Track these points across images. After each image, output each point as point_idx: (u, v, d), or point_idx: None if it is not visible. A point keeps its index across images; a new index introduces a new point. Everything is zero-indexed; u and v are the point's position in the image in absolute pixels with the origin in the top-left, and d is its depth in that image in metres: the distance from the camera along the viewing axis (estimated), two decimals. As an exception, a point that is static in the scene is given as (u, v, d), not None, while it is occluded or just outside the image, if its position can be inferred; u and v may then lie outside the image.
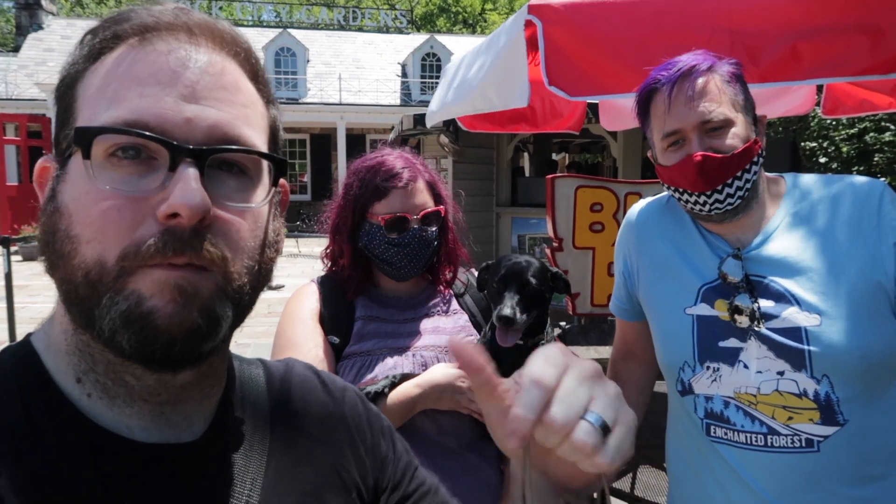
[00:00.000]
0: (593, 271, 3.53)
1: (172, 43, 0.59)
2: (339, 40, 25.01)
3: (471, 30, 37.19)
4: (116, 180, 0.55)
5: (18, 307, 6.72)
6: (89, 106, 0.58)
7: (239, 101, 0.61)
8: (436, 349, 1.50)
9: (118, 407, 0.60)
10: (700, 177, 1.25)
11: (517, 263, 1.50)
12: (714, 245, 1.35)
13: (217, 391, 0.68)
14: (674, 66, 1.27)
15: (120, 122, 0.55)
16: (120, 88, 0.57)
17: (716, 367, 1.30)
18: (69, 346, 0.61)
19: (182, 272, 0.55)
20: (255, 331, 6.69)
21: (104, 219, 0.55)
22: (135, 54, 0.58)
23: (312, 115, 20.68)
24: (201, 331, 0.56)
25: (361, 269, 1.54)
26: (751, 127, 1.28)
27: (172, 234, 0.54)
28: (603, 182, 3.58)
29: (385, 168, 1.49)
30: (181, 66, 0.58)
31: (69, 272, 0.56)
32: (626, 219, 1.56)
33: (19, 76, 19.72)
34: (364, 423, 0.81)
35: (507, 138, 6.16)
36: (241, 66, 0.63)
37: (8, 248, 6.60)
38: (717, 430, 1.31)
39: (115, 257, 0.54)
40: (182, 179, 0.55)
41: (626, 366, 1.66)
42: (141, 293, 0.54)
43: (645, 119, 1.35)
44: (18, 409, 0.58)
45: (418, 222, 1.48)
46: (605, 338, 4.00)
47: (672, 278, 1.39)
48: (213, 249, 0.56)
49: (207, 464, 0.63)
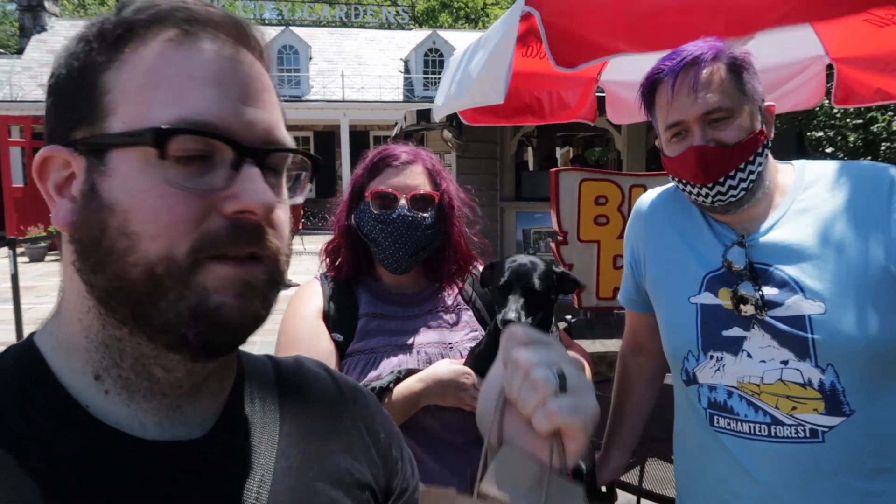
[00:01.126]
0: (598, 264, 3.52)
1: (216, 42, 0.60)
2: (341, 37, 24.99)
3: (473, 25, 37.10)
4: (180, 176, 0.56)
5: (25, 308, 6.75)
6: (136, 102, 0.57)
7: (275, 102, 0.65)
8: (440, 346, 1.49)
9: (136, 402, 0.60)
10: (700, 169, 1.24)
11: (522, 265, 1.46)
12: (720, 234, 1.34)
13: (229, 383, 0.69)
14: (678, 55, 1.26)
15: (186, 123, 0.56)
16: (175, 86, 0.57)
17: (719, 356, 1.29)
18: (90, 342, 0.60)
19: (245, 268, 0.58)
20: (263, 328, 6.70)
21: (172, 214, 0.55)
22: (184, 51, 0.58)
23: (315, 112, 20.68)
24: (261, 319, 0.61)
25: (356, 251, 1.54)
26: (756, 117, 1.26)
27: (241, 227, 0.58)
28: (607, 175, 3.57)
29: (386, 151, 1.52)
30: (232, 66, 0.60)
31: (122, 269, 0.56)
32: (635, 209, 1.55)
33: (23, 78, 19.78)
34: (377, 424, 0.81)
35: (510, 133, 6.15)
36: (264, 66, 0.65)
37: (14, 250, 6.63)
38: (721, 420, 1.30)
39: (185, 250, 0.55)
40: (250, 179, 0.58)
41: (636, 358, 1.66)
42: (207, 288, 0.56)
43: (650, 109, 1.34)
44: (21, 411, 0.57)
45: (407, 202, 1.47)
46: (610, 331, 4.00)
47: (677, 267, 1.39)
48: (274, 240, 0.61)
49: (217, 459, 0.63)
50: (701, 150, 1.23)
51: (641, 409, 1.65)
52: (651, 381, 1.64)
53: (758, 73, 1.28)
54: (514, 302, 1.40)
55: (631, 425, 1.65)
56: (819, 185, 1.30)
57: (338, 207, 1.59)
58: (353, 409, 0.80)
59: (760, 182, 1.27)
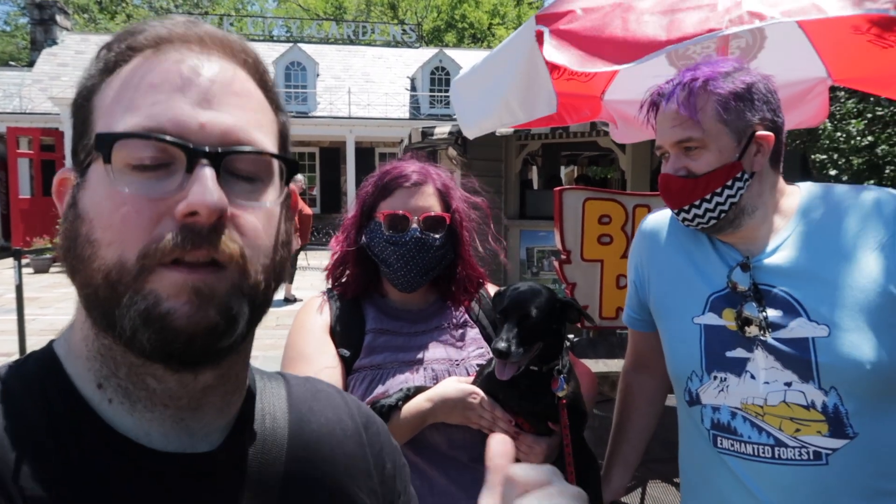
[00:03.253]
0: (602, 284, 3.52)
1: (185, 52, 0.61)
2: (348, 54, 25.18)
3: (479, 44, 37.38)
4: (135, 183, 0.57)
5: (29, 319, 6.75)
6: (106, 115, 0.60)
7: (249, 106, 0.63)
8: (447, 363, 1.49)
9: (139, 412, 0.61)
10: (666, 195, 1.32)
11: (521, 294, 1.43)
12: (725, 254, 1.34)
13: (237, 400, 0.69)
14: (674, 80, 1.30)
15: (138, 129, 0.57)
16: (135, 96, 0.59)
17: (723, 377, 1.29)
18: (90, 351, 0.62)
19: (199, 274, 0.57)
20: (264, 343, 6.67)
21: (124, 221, 0.57)
22: (149, 64, 0.61)
23: (322, 128, 20.78)
24: (219, 328, 0.58)
25: (364, 269, 1.54)
26: (735, 148, 1.26)
27: (191, 230, 0.56)
28: (611, 194, 3.57)
29: (397, 170, 1.51)
30: (194, 73, 0.60)
31: (89, 275, 0.58)
32: (640, 228, 1.57)
33: (33, 90, 19.95)
34: (384, 454, 0.81)
35: (515, 151, 6.17)
36: (250, 74, 0.66)
37: (19, 261, 6.65)
38: (724, 442, 1.30)
39: (134, 256, 0.56)
40: (199, 179, 0.57)
41: (638, 377, 1.65)
42: (158, 294, 0.56)
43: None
44: (43, 416, 0.59)
45: (419, 224, 1.48)
46: (613, 350, 3.99)
47: (681, 286, 1.39)
48: (232, 244, 0.58)
49: (222, 476, 0.64)
50: (666, 178, 1.31)
51: (643, 429, 1.64)
52: (653, 400, 1.63)
53: (762, 99, 1.28)
54: (507, 331, 1.37)
55: (633, 444, 1.64)
56: (824, 208, 1.30)
57: (343, 223, 1.59)
58: (361, 435, 0.80)
59: (743, 209, 1.28)
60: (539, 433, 1.43)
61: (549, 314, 1.42)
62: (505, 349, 1.34)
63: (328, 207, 21.35)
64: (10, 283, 6.82)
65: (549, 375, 1.42)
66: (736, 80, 1.27)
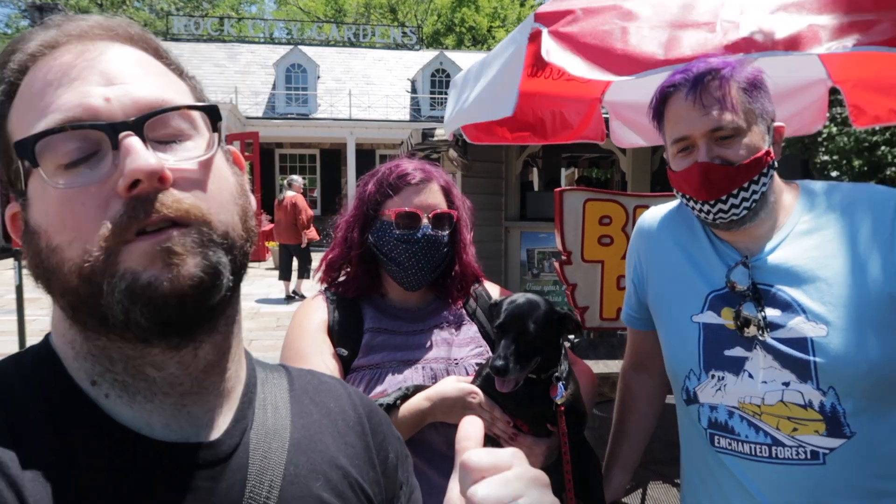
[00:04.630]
0: (602, 285, 3.51)
1: (72, 47, 0.62)
2: (349, 57, 25.19)
3: (479, 47, 37.41)
4: (72, 179, 0.58)
5: (29, 319, 6.75)
6: (21, 131, 0.60)
7: (150, 72, 0.64)
8: (446, 361, 1.49)
9: (138, 404, 0.61)
10: (704, 186, 1.25)
11: (518, 308, 1.40)
12: (723, 252, 1.34)
13: (238, 388, 0.70)
14: (691, 69, 1.26)
15: (56, 125, 0.58)
16: (39, 100, 0.60)
17: (721, 375, 1.29)
18: (77, 353, 0.62)
19: (165, 234, 0.57)
20: (264, 344, 6.69)
21: (74, 217, 0.57)
22: (43, 68, 0.61)
23: (322, 130, 20.79)
24: (205, 282, 0.58)
25: (367, 268, 1.53)
26: (764, 137, 1.26)
27: (138, 200, 0.57)
28: (612, 195, 3.57)
29: (400, 169, 1.51)
30: (87, 61, 0.61)
31: (65, 280, 0.58)
32: (637, 225, 1.55)
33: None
34: (387, 443, 0.82)
35: (516, 153, 6.17)
36: (142, 49, 0.66)
37: (19, 262, 6.64)
38: (722, 441, 1.30)
39: (96, 245, 0.56)
40: (129, 151, 0.57)
41: (638, 377, 1.65)
42: (134, 269, 0.56)
43: (660, 122, 1.34)
44: (42, 409, 0.59)
45: (430, 221, 1.48)
46: (613, 352, 3.98)
47: (680, 285, 1.38)
48: (184, 199, 0.59)
49: (227, 463, 0.64)
50: (705, 166, 1.23)
51: (643, 428, 1.64)
52: (653, 399, 1.63)
53: (768, 90, 1.28)
54: (504, 348, 1.35)
55: (633, 444, 1.63)
56: (823, 207, 1.30)
57: (338, 224, 1.58)
58: (364, 425, 0.80)
59: (764, 202, 1.27)
60: (538, 435, 1.42)
61: (546, 328, 1.39)
62: (502, 367, 1.32)
63: (329, 209, 21.34)
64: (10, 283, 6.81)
65: (548, 383, 1.41)
66: (750, 71, 1.26)
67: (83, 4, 35.26)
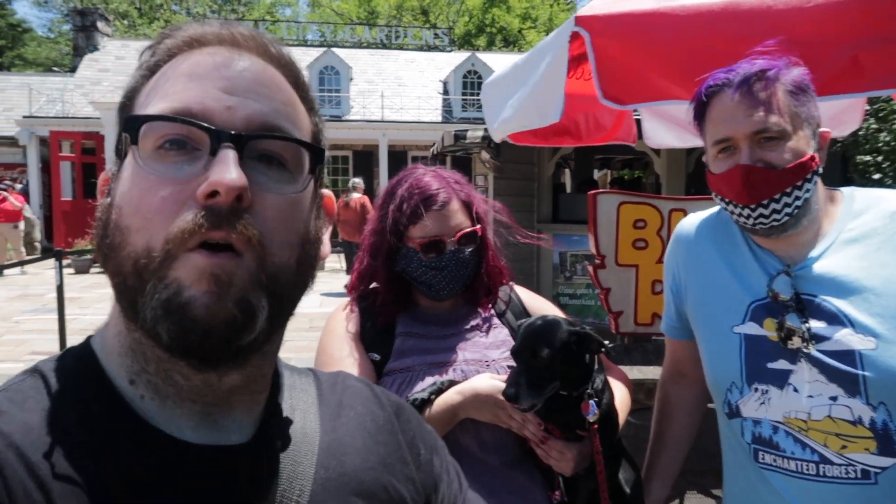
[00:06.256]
0: (637, 289, 3.47)
1: (218, 48, 0.63)
2: (381, 58, 25.32)
3: (511, 48, 37.30)
4: (161, 168, 0.59)
5: (69, 319, 6.91)
6: (142, 107, 0.62)
7: (279, 98, 0.64)
8: (477, 363, 1.48)
9: (169, 408, 0.62)
10: (745, 189, 1.21)
11: (531, 331, 1.34)
12: (764, 261, 1.30)
13: (264, 396, 0.69)
14: (736, 69, 1.22)
15: (167, 111, 0.59)
16: (167, 85, 0.61)
17: (764, 389, 1.25)
18: (122, 347, 0.63)
19: (218, 259, 0.57)
20: (297, 345, 6.74)
21: (150, 206, 0.58)
22: (183, 58, 0.63)
23: (355, 132, 20.93)
24: (237, 322, 0.58)
25: (396, 292, 1.54)
26: (809, 142, 1.21)
27: (210, 211, 0.57)
28: (646, 198, 3.52)
29: (419, 191, 1.48)
30: (223, 64, 0.62)
31: (119, 263, 0.58)
32: (675, 233, 1.51)
33: (75, 95, 20.46)
34: (418, 439, 0.81)
35: (548, 154, 6.12)
36: (282, 73, 0.67)
37: (60, 262, 6.80)
38: (766, 457, 1.26)
39: (160, 242, 0.57)
40: (221, 161, 0.57)
41: (676, 387, 1.61)
42: (181, 282, 0.56)
43: (701, 122, 1.30)
44: (78, 409, 0.60)
45: (455, 244, 1.47)
46: (648, 357, 3.92)
47: (720, 295, 1.35)
48: (251, 229, 0.58)
49: (256, 468, 0.64)
50: (747, 169, 1.19)
51: (682, 439, 1.60)
52: (692, 410, 1.59)
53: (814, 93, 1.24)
54: (515, 375, 1.31)
55: (672, 455, 1.60)
56: (869, 214, 1.25)
57: (365, 243, 1.57)
58: (394, 424, 0.80)
59: (807, 209, 1.23)
60: (569, 439, 1.40)
61: (562, 352, 1.32)
62: (512, 395, 1.28)
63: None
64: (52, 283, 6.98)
65: (580, 399, 1.37)
66: (797, 74, 1.22)
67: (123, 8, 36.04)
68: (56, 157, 17.11)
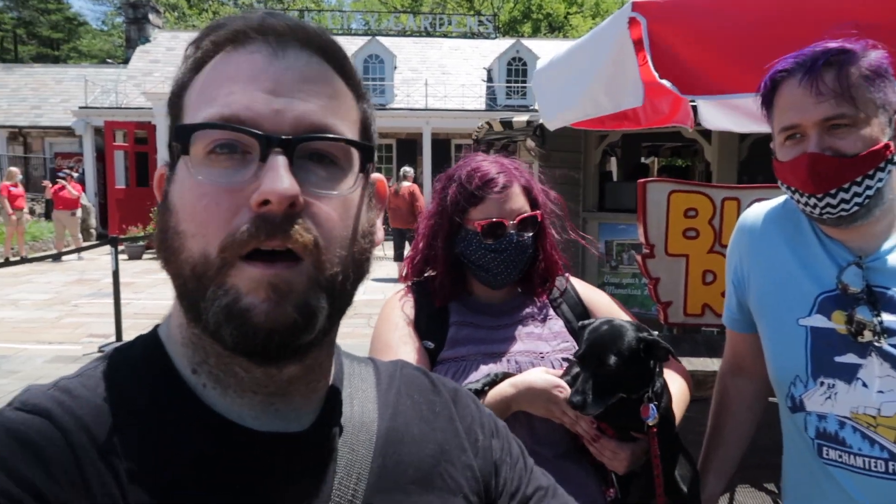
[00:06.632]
0: (687, 279, 3.40)
1: (260, 44, 0.62)
2: (425, 46, 25.30)
3: (556, 34, 36.81)
4: (213, 174, 0.59)
5: (124, 303, 7.14)
6: (191, 110, 0.63)
7: (325, 92, 0.64)
8: (531, 355, 1.48)
9: (230, 397, 0.63)
10: (811, 178, 1.16)
11: (599, 338, 1.31)
12: (834, 252, 1.25)
13: (323, 385, 0.70)
14: (806, 53, 1.17)
15: (215, 118, 0.59)
16: (213, 89, 0.61)
17: (831, 383, 1.21)
18: (184, 339, 0.64)
19: (275, 269, 0.57)
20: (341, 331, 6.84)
21: (204, 212, 0.58)
22: (227, 58, 0.63)
23: (399, 120, 21.00)
24: (298, 325, 0.59)
25: (454, 276, 1.54)
26: (884, 129, 1.16)
27: (264, 220, 0.57)
28: (698, 187, 3.44)
29: (480, 174, 1.48)
30: (267, 63, 0.61)
31: (179, 267, 0.60)
32: (739, 223, 1.47)
33: (128, 86, 21.02)
34: (476, 424, 0.81)
35: (594, 142, 6.03)
36: (328, 61, 0.66)
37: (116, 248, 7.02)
38: (831, 452, 1.22)
39: (216, 249, 0.57)
40: (271, 168, 0.57)
41: (736, 381, 1.57)
42: (239, 289, 0.57)
43: (769, 109, 1.25)
44: (146, 395, 0.62)
45: (515, 227, 1.47)
46: (697, 349, 3.84)
47: (785, 286, 1.30)
48: (305, 234, 0.59)
49: (315, 455, 0.66)
50: (814, 157, 1.15)
51: (741, 435, 1.56)
52: (752, 405, 1.55)
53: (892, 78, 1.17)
54: (583, 382, 1.29)
55: (729, 451, 1.56)
56: None
57: (421, 228, 1.58)
58: (451, 411, 0.80)
59: (879, 199, 1.17)
60: (622, 439, 1.38)
61: (630, 360, 1.29)
62: (579, 402, 1.27)
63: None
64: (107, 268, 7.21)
65: (639, 401, 1.34)
66: (874, 57, 1.16)
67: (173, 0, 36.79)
68: (110, 147, 17.65)
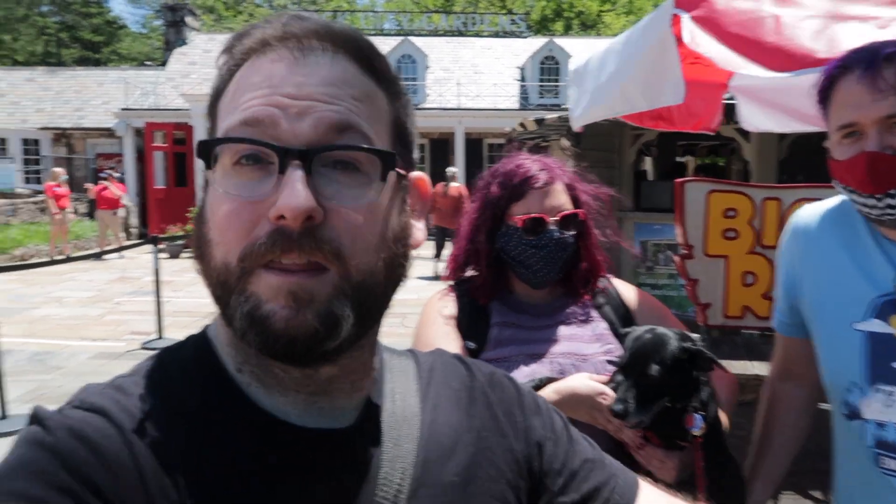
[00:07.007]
0: (726, 281, 3.33)
1: (283, 51, 0.62)
2: (457, 46, 25.27)
3: (589, 32, 36.49)
4: (237, 186, 0.60)
5: (164, 301, 7.28)
6: (222, 118, 0.64)
7: (350, 93, 0.62)
8: (573, 356, 1.47)
9: (274, 396, 0.65)
10: (870, 177, 1.13)
11: (643, 346, 1.30)
12: (891, 254, 1.22)
13: (366, 383, 0.71)
14: (866, 49, 1.14)
15: (237, 124, 0.60)
16: (238, 97, 0.62)
17: (890, 391, 1.18)
18: (229, 339, 0.66)
19: (296, 277, 0.58)
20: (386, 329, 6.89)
21: (226, 223, 0.60)
22: (252, 65, 0.63)
23: (431, 120, 21.02)
24: (319, 334, 0.59)
25: (496, 272, 1.54)
26: None
27: (281, 234, 0.57)
28: (738, 186, 3.38)
29: (523, 170, 1.50)
30: (289, 69, 0.61)
31: (209, 273, 0.62)
32: (791, 224, 1.44)
33: (166, 88, 21.41)
34: (515, 405, 0.81)
35: (629, 141, 5.98)
36: (354, 61, 0.64)
37: (157, 247, 7.17)
38: (891, 462, 1.19)
39: (236, 258, 0.59)
40: (287, 183, 0.57)
41: (785, 386, 1.54)
42: (259, 296, 0.58)
43: (825, 106, 1.22)
44: (197, 394, 0.64)
45: (556, 224, 1.47)
46: (737, 351, 3.78)
47: (840, 289, 1.27)
48: (327, 246, 0.58)
49: (360, 451, 0.66)
50: (873, 156, 1.12)
51: (790, 442, 1.53)
52: (803, 411, 1.52)
53: None
54: (625, 391, 1.28)
55: (777, 458, 1.53)
56: None
57: (461, 228, 1.59)
58: (488, 395, 0.80)
59: None
60: (668, 447, 1.37)
61: (673, 369, 1.28)
62: (621, 411, 1.26)
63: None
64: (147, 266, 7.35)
65: (684, 410, 1.32)
66: None
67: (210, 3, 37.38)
68: (150, 147, 18.02)
